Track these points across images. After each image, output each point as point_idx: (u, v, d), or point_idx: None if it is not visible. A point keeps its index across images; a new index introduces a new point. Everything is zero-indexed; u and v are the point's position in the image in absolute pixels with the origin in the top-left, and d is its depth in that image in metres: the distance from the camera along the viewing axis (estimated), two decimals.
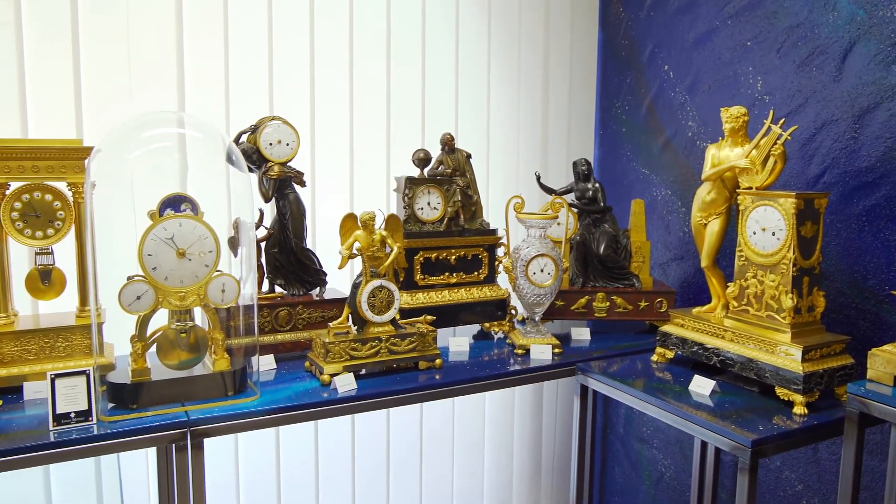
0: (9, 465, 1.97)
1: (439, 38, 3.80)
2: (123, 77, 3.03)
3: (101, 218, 2.23)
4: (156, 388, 2.24)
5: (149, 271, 2.19)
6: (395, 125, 3.68)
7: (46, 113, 2.92)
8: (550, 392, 4.37)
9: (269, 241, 2.84)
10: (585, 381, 2.89)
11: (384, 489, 3.86)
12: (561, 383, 4.35)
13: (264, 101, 3.33)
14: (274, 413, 2.29)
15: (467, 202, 3.20)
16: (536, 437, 4.36)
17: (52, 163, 2.43)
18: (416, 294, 3.05)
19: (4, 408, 2.25)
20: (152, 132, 2.48)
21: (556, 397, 4.38)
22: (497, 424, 4.21)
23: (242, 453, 3.42)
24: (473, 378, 2.69)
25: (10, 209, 2.41)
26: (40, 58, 2.89)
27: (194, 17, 3.15)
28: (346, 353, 2.54)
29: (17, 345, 2.41)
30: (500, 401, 4.19)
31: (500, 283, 3.29)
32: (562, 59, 4.23)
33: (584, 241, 3.36)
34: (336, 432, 3.66)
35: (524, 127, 4.13)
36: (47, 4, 2.88)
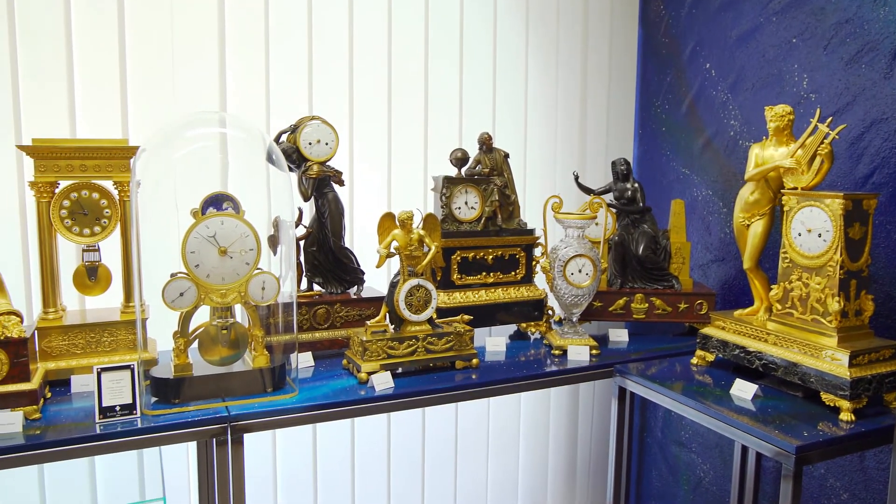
0: (57, 455, 2.02)
1: (477, 37, 3.79)
2: (167, 78, 3.09)
3: (146, 216, 2.28)
4: (197, 383, 2.28)
5: (191, 268, 2.23)
6: (432, 124, 3.69)
7: (94, 113, 3.00)
8: (586, 394, 4.33)
9: (307, 240, 2.87)
10: (623, 384, 2.86)
11: (419, 487, 3.88)
12: (597, 385, 4.31)
13: (304, 101, 3.36)
14: (312, 410, 2.31)
15: (505, 202, 3.19)
16: (572, 438, 4.33)
17: (99, 162, 2.48)
18: (453, 293, 3.05)
19: (53, 400, 2.32)
20: (195, 132, 2.53)
21: (593, 399, 4.34)
22: (532, 425, 4.19)
23: (280, 449, 3.47)
24: (510, 378, 2.68)
25: (59, 207, 2.47)
26: (88, 60, 2.97)
27: (236, 19, 3.20)
28: (383, 351, 2.55)
29: (65, 339, 2.47)
30: (536, 401, 4.17)
31: (537, 283, 3.27)
32: (601, 57, 4.19)
33: (623, 242, 3.32)
34: (372, 430, 3.68)
35: (562, 126, 4.10)
36: (95, 8, 2.95)
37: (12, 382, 2.12)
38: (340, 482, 3.65)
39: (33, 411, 2.13)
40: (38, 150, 2.42)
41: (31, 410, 2.12)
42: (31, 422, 2.11)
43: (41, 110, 2.90)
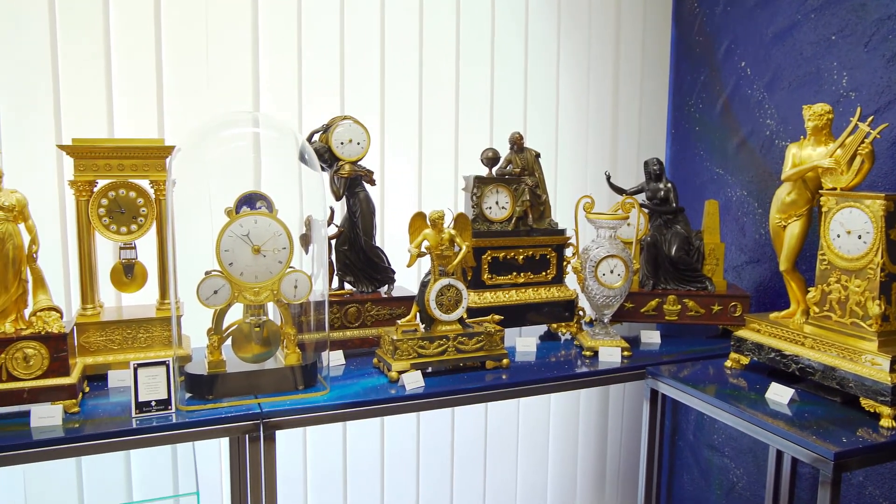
0: (95, 448, 2.07)
1: (508, 36, 3.78)
2: (201, 78, 3.14)
3: (181, 214, 2.32)
4: (230, 379, 2.31)
5: (225, 267, 2.26)
6: (463, 124, 3.69)
7: (130, 114, 3.05)
8: (617, 395, 4.29)
9: (339, 239, 2.88)
10: (655, 386, 2.83)
11: (448, 487, 3.88)
12: (628, 387, 4.27)
13: (336, 101, 3.38)
14: (343, 408, 2.32)
15: (536, 202, 3.17)
16: (602, 440, 4.29)
17: (135, 161, 2.53)
18: (484, 293, 3.04)
19: (91, 394, 2.36)
20: (229, 132, 2.56)
21: (623, 401, 4.30)
22: (562, 427, 4.17)
23: (311, 447, 3.49)
24: (540, 379, 2.66)
25: (97, 206, 2.52)
26: (125, 62, 3.02)
27: (269, 20, 3.23)
28: (413, 350, 2.56)
29: (102, 335, 2.52)
30: (566, 403, 4.14)
31: (567, 283, 3.25)
32: (633, 55, 4.15)
33: (655, 243, 3.28)
34: (402, 428, 3.69)
35: (593, 125, 4.07)
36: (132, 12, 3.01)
37: (52, 377, 2.17)
38: (370, 480, 3.66)
39: (72, 405, 2.17)
40: (77, 150, 2.47)
41: (70, 404, 2.17)
42: (70, 415, 2.16)
43: (80, 111, 2.96)
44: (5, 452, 1.97)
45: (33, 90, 2.89)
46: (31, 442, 2.00)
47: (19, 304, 2.23)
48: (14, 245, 2.19)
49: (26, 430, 2.06)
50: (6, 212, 2.18)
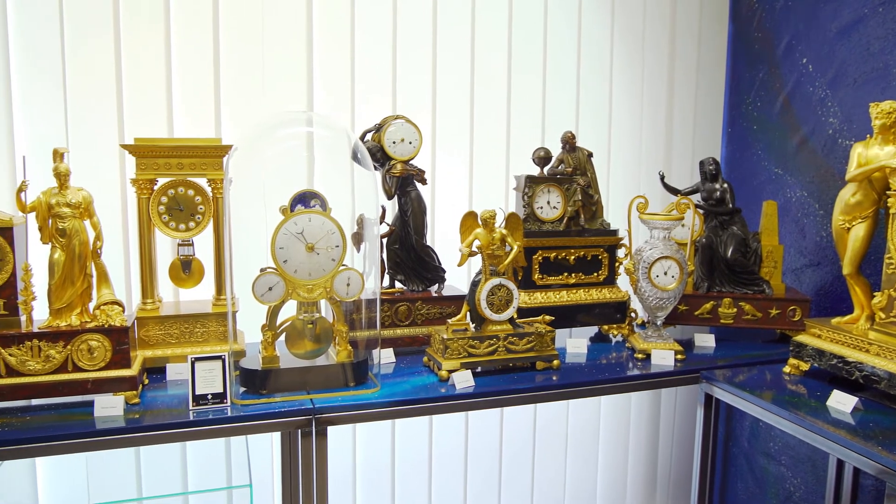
0: (154, 439, 2.13)
1: (560, 33, 3.75)
2: (257, 79, 3.20)
3: (237, 212, 2.36)
4: (283, 375, 2.34)
5: (280, 264, 2.30)
6: (515, 123, 3.67)
7: (189, 114, 3.13)
8: (668, 400, 4.21)
9: (390, 238, 2.90)
10: (710, 390, 2.76)
11: (496, 486, 3.87)
12: (681, 391, 4.18)
13: (388, 100, 3.41)
14: (394, 406, 2.33)
15: (588, 201, 3.14)
16: (653, 445, 4.22)
17: (194, 160, 2.59)
18: (534, 293, 3.02)
19: (150, 386, 2.43)
20: (284, 131, 2.60)
21: (675, 405, 4.22)
22: (612, 430, 4.11)
23: (360, 443, 3.53)
24: (592, 381, 2.63)
25: (157, 203, 2.59)
26: (184, 63, 3.10)
27: (323, 21, 3.27)
28: (464, 349, 2.56)
29: (161, 329, 2.59)
30: (616, 405, 4.09)
31: (619, 284, 3.21)
32: (688, 53, 4.06)
33: (711, 244, 3.21)
34: (450, 427, 3.70)
35: (647, 124, 4.01)
36: (191, 15, 3.08)
37: (115, 368, 2.24)
38: (418, 477, 3.68)
39: (133, 396, 2.24)
40: (139, 149, 2.54)
41: (131, 395, 2.24)
42: (131, 406, 2.22)
43: (142, 111, 3.06)
44: (71, 440, 2.04)
45: (98, 92, 2.99)
46: (94, 431, 2.07)
47: (84, 297, 2.31)
48: (80, 241, 2.27)
49: (90, 419, 2.13)
50: (73, 209, 2.26)
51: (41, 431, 2.05)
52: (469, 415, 3.71)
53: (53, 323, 2.24)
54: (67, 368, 2.21)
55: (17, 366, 2.17)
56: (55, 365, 2.20)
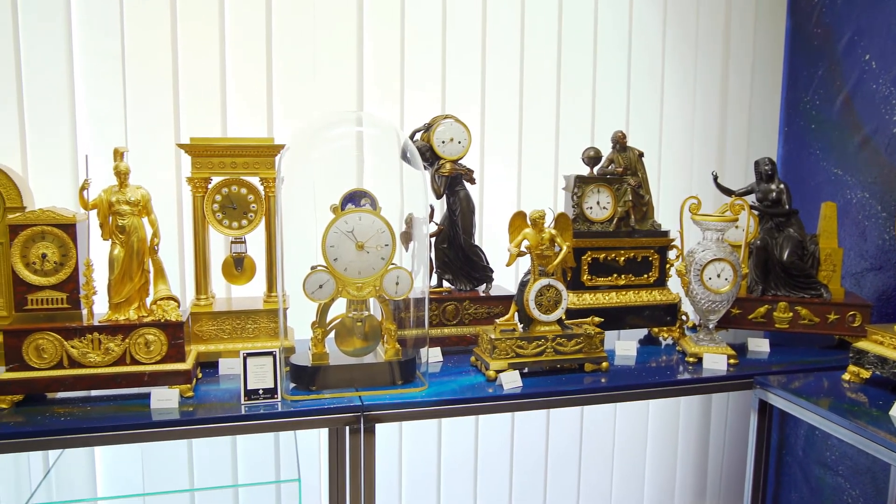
0: (207, 432, 2.18)
1: (611, 32, 3.70)
2: (309, 79, 3.24)
3: (288, 210, 2.40)
4: (333, 372, 2.37)
5: (330, 262, 2.32)
6: (564, 123, 3.64)
7: (242, 113, 3.19)
8: (720, 405, 4.12)
9: (438, 237, 2.91)
10: (764, 396, 2.69)
11: (541, 488, 3.84)
12: (732, 396, 4.09)
13: (437, 100, 3.41)
14: (442, 405, 2.34)
15: (638, 202, 3.09)
16: (702, 451, 4.13)
17: (247, 159, 2.64)
18: (583, 294, 2.99)
19: (203, 380, 2.49)
20: (334, 131, 2.63)
21: (726, 411, 4.13)
22: (661, 434, 4.04)
23: (406, 441, 3.54)
24: (641, 384, 2.59)
25: (211, 201, 2.65)
26: (238, 65, 3.17)
27: (373, 21, 3.30)
28: (511, 350, 2.55)
29: (214, 324, 2.65)
30: (666, 409, 4.02)
31: (670, 286, 3.15)
32: (744, 49, 3.97)
33: (766, 247, 3.12)
34: (496, 427, 3.69)
35: (700, 123, 3.93)
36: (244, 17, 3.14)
37: (170, 362, 2.30)
38: (463, 476, 3.68)
39: (187, 390, 2.29)
40: (194, 149, 2.60)
41: (185, 389, 2.29)
42: (185, 399, 2.28)
43: (197, 111, 3.13)
44: (128, 431, 2.10)
45: (156, 93, 3.08)
46: (150, 422, 2.12)
47: (142, 292, 2.38)
48: (138, 238, 2.34)
49: (146, 410, 2.19)
50: (132, 206, 2.33)
51: (100, 421, 2.11)
52: (515, 415, 3.70)
53: (113, 317, 2.31)
54: (125, 361, 2.28)
55: (79, 357, 2.24)
56: (114, 357, 2.27)
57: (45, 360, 2.22)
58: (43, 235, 2.27)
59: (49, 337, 2.22)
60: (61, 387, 2.24)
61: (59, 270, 2.29)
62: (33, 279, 2.27)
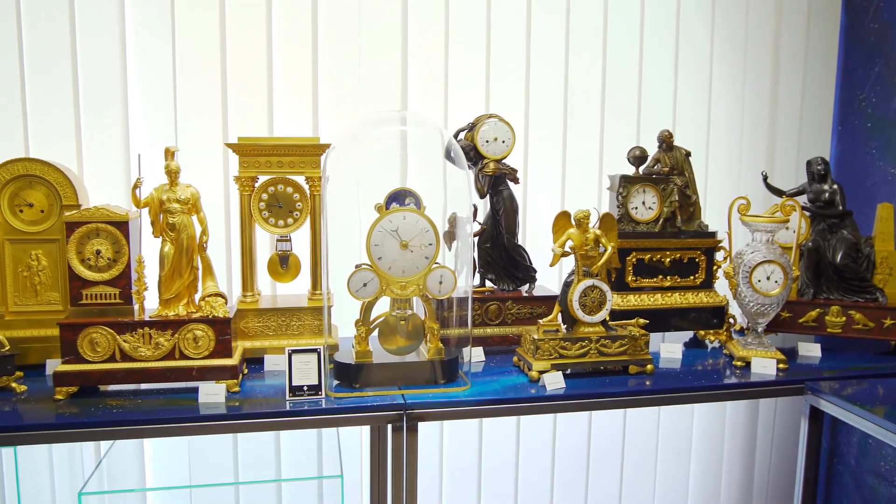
0: (253, 427, 2.22)
1: (657, 30, 3.65)
2: (353, 78, 3.27)
3: (332, 209, 2.42)
4: (376, 370, 2.38)
5: (375, 261, 2.34)
6: (609, 122, 3.60)
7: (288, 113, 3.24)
8: (767, 410, 4.03)
9: (482, 237, 2.90)
10: (816, 403, 2.61)
11: (583, 490, 3.81)
12: (781, 402, 3.99)
13: (481, 99, 3.41)
14: (484, 404, 2.33)
15: (685, 202, 3.04)
16: (748, 457, 4.04)
17: (293, 158, 2.67)
18: (627, 296, 2.95)
19: (249, 376, 2.53)
20: (378, 130, 2.64)
21: (774, 417, 4.03)
22: (706, 438, 3.97)
23: (447, 440, 3.55)
24: (687, 387, 2.54)
25: (258, 200, 2.69)
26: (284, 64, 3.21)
27: (418, 21, 3.31)
28: (555, 351, 2.53)
29: (259, 321, 2.69)
30: (711, 414, 3.94)
31: (717, 289, 3.09)
32: (795, 46, 3.87)
33: (818, 249, 3.04)
34: (537, 428, 3.67)
35: (749, 122, 3.84)
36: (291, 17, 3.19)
37: (217, 357, 2.34)
38: (504, 477, 3.67)
39: (234, 385, 2.34)
40: (242, 148, 2.65)
41: (232, 384, 2.33)
42: (232, 394, 2.32)
43: (244, 111, 3.18)
44: (177, 424, 2.15)
45: (204, 93, 3.14)
46: (198, 416, 2.17)
47: (191, 289, 2.43)
48: (188, 235, 2.39)
49: (194, 404, 2.23)
50: (182, 204, 2.38)
51: (150, 414, 2.16)
52: (557, 416, 3.67)
53: (163, 312, 2.36)
54: (175, 356, 2.33)
55: (130, 351, 2.30)
56: (164, 352, 2.32)
57: (98, 353, 2.29)
58: (97, 232, 2.34)
59: (102, 331, 2.29)
60: (114, 380, 2.31)
61: (113, 266, 2.35)
62: (88, 275, 2.33)
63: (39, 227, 2.56)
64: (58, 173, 2.55)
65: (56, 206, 2.56)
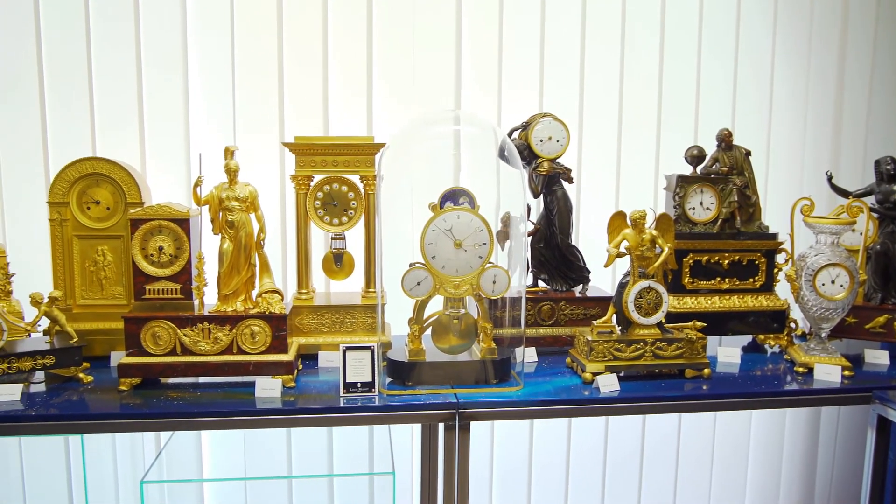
0: (308, 421, 2.25)
1: (716, 23, 3.56)
2: (407, 77, 3.29)
3: (386, 208, 2.44)
4: (428, 368, 2.39)
5: (428, 259, 2.34)
6: (665, 120, 3.54)
7: (343, 112, 3.28)
8: (829, 419, 3.89)
9: (535, 237, 2.88)
10: (884, 412, 2.51)
11: (635, 494, 3.75)
12: (844, 411, 3.85)
13: (535, 98, 3.39)
14: (537, 405, 2.32)
15: (744, 203, 2.96)
16: (809, 467, 3.91)
17: (348, 157, 2.70)
18: (683, 298, 2.89)
19: (304, 371, 2.57)
20: (432, 129, 2.65)
21: (837, 426, 3.89)
22: (764, 446, 3.86)
23: (497, 441, 3.54)
24: (746, 393, 2.48)
25: (314, 198, 2.73)
26: (339, 65, 3.25)
27: (472, 20, 3.31)
28: (609, 352, 2.49)
29: (314, 318, 2.73)
30: (770, 421, 3.83)
31: (778, 292, 3.00)
32: (863, 40, 3.73)
33: (886, 252, 2.93)
34: (589, 430, 3.63)
35: (813, 120, 3.72)
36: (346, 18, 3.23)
37: (273, 353, 2.39)
38: (554, 478, 3.64)
39: (289, 380, 2.37)
40: (298, 147, 2.69)
41: (287, 379, 2.37)
42: (287, 389, 2.36)
43: (300, 111, 3.24)
44: (235, 417, 2.20)
45: (262, 94, 3.21)
46: (255, 410, 2.21)
47: (248, 285, 2.48)
48: (246, 233, 2.44)
49: (251, 398, 2.28)
50: (241, 202, 2.43)
51: (209, 407, 2.22)
52: (609, 419, 3.62)
53: (221, 308, 2.42)
54: (232, 350, 2.38)
55: (190, 345, 2.36)
56: (222, 347, 2.38)
57: (160, 346, 2.36)
58: (160, 229, 2.41)
59: (164, 325, 2.35)
60: (174, 372, 2.37)
61: (174, 262, 2.42)
62: (151, 270, 2.41)
63: (105, 224, 2.65)
64: (123, 172, 2.63)
65: (121, 204, 2.64)
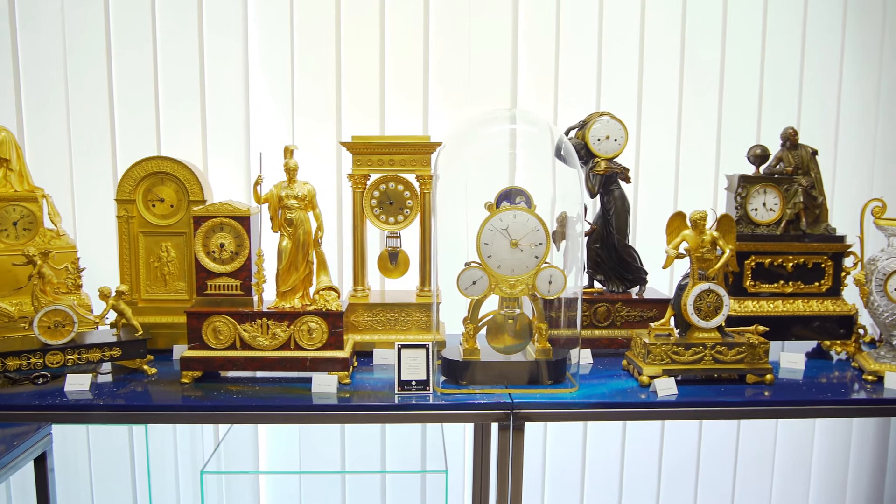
0: (363, 418, 2.27)
1: (782, 20, 3.46)
2: (464, 76, 3.29)
3: (441, 207, 2.44)
4: (483, 368, 2.39)
5: (484, 259, 2.34)
6: (727, 119, 3.45)
7: (399, 112, 3.31)
8: None
9: (591, 237, 2.85)
10: None
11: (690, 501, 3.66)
12: None
13: (592, 96, 3.35)
14: (592, 407, 2.29)
15: (810, 204, 2.86)
16: (877, 481, 3.76)
17: (404, 157, 2.72)
18: (745, 301, 2.82)
19: (358, 368, 2.60)
20: (488, 129, 2.64)
21: None
22: (828, 457, 3.73)
23: (550, 442, 3.51)
24: (810, 401, 2.39)
25: (370, 197, 2.76)
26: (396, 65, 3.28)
27: (528, 19, 3.29)
28: (667, 355, 2.44)
29: (369, 315, 2.76)
30: (835, 431, 3.70)
31: (845, 297, 2.89)
32: None
33: None
34: (645, 433, 3.57)
35: (884, 118, 3.57)
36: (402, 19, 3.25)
37: (330, 349, 2.42)
38: (607, 482, 3.60)
39: (345, 377, 2.41)
40: (355, 146, 2.72)
41: (343, 376, 2.40)
42: (343, 385, 2.39)
43: (357, 111, 3.27)
44: (292, 412, 2.24)
45: (320, 93, 3.26)
46: (312, 405, 2.25)
47: (306, 283, 2.52)
48: (304, 230, 2.47)
49: (307, 394, 2.32)
50: (299, 200, 2.47)
51: (267, 401, 2.27)
52: (665, 423, 3.55)
53: (279, 304, 2.46)
54: (290, 346, 2.43)
55: (250, 340, 2.42)
56: (280, 342, 2.42)
57: (220, 341, 2.42)
58: (221, 227, 2.47)
59: (225, 320, 2.41)
60: (234, 367, 2.43)
61: (235, 259, 2.47)
62: (212, 266, 2.47)
63: (169, 221, 2.73)
64: (186, 170, 2.71)
65: (184, 202, 2.72)
